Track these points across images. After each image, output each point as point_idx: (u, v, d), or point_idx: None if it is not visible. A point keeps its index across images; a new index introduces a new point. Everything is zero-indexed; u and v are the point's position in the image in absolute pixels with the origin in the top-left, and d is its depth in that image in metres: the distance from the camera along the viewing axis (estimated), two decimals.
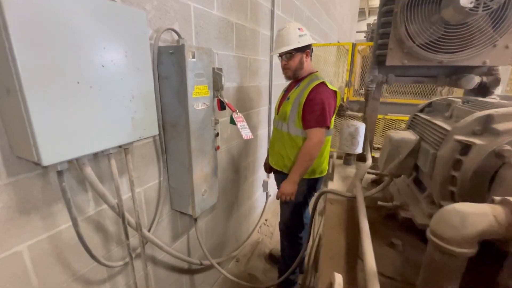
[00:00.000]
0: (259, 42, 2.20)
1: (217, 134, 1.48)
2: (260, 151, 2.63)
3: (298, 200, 1.73)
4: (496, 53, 1.19)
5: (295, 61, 1.57)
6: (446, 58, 1.25)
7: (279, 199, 1.65)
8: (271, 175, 2.07)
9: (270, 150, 1.83)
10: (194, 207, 1.42)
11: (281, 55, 1.60)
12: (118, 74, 0.87)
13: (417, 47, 1.27)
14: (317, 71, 1.65)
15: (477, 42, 1.18)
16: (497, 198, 0.55)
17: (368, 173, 1.45)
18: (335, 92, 1.56)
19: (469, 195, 0.73)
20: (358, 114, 3.34)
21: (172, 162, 1.38)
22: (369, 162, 1.49)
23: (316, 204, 1.39)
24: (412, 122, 1.17)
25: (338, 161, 1.72)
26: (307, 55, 1.59)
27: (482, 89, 1.38)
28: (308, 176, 1.66)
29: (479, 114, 0.75)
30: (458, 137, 0.76)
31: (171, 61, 1.18)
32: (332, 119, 1.59)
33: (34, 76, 0.66)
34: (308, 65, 1.61)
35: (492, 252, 0.60)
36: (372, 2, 13.00)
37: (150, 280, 1.43)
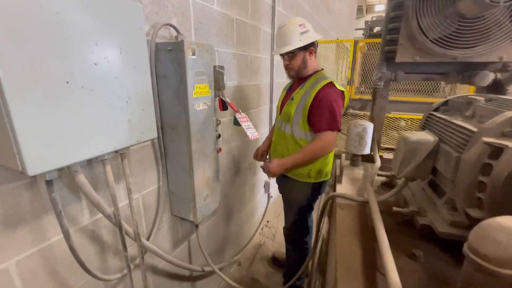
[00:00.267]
0: (260, 39, 2.13)
1: (218, 136, 1.41)
2: None
3: (302, 204, 1.66)
4: None
5: (297, 60, 1.47)
6: (461, 54, 1.18)
7: (263, 170, 1.55)
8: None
9: (272, 152, 1.75)
10: (195, 213, 1.34)
11: (282, 55, 1.50)
12: (112, 73, 0.79)
13: (430, 42, 1.20)
14: (322, 69, 1.57)
15: (494, 37, 1.11)
16: None
17: (378, 175, 1.38)
18: (343, 93, 1.48)
19: (500, 202, 0.67)
20: (360, 112, 3.29)
21: (171, 166, 1.30)
22: (378, 163, 1.43)
23: (324, 209, 1.32)
24: (427, 121, 1.10)
25: (345, 162, 1.65)
26: (311, 53, 1.48)
27: (496, 86, 1.32)
28: (314, 180, 1.58)
29: (511, 114, 0.69)
30: (487, 139, 0.69)
31: (170, 58, 1.10)
32: None
33: (16, 74, 0.58)
34: (312, 63, 1.52)
35: None
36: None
37: None
